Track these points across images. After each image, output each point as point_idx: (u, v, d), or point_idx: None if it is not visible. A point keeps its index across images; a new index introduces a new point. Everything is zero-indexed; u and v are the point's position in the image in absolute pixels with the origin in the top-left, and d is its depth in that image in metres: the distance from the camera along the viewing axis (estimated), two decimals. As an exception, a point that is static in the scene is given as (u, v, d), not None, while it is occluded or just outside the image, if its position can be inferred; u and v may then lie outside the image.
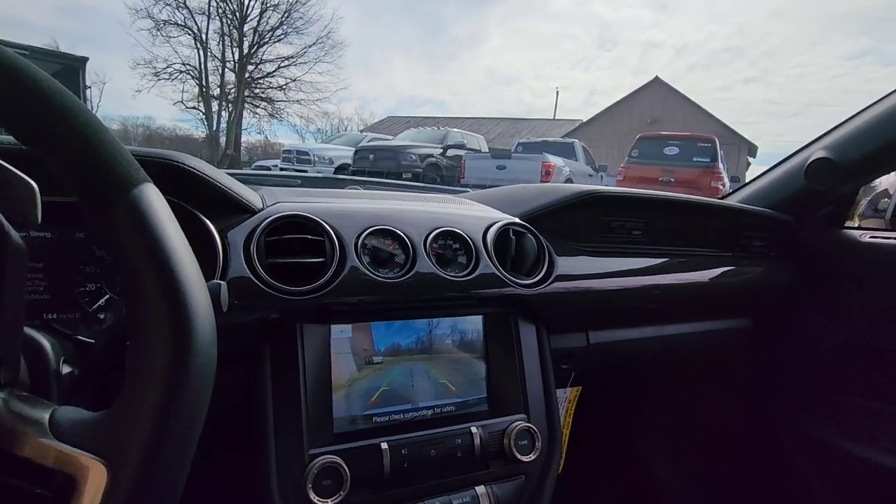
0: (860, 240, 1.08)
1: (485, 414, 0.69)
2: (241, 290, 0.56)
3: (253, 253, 0.58)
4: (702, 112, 18.11)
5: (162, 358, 0.30)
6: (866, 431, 1.03)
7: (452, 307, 0.70)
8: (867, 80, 39.34)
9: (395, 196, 0.87)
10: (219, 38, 18.51)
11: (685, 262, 0.98)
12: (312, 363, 0.61)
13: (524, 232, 0.76)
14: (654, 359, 0.97)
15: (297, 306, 0.59)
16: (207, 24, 18.02)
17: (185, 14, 17.71)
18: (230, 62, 18.89)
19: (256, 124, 20.93)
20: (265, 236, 0.60)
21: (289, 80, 19.71)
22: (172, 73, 17.95)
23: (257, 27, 18.76)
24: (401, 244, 0.67)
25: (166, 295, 0.30)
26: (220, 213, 0.59)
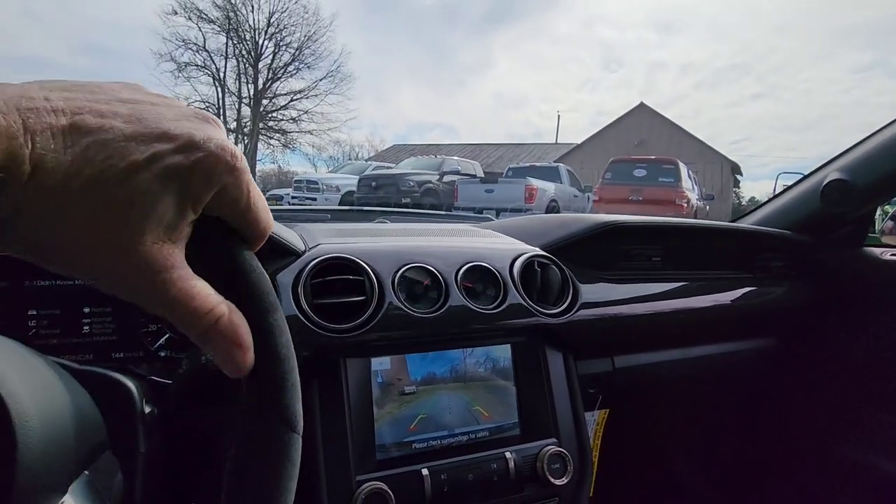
0: (881, 258, 1.10)
1: (517, 439, 0.72)
2: (292, 329, 0.59)
3: (301, 294, 0.62)
4: (685, 134, 19.19)
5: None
6: (892, 449, 1.03)
7: (483, 337, 0.73)
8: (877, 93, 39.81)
9: (422, 230, 0.92)
10: (235, 75, 19.78)
11: (706, 285, 1.00)
12: (355, 395, 0.64)
13: (548, 263, 0.81)
14: (680, 381, 0.99)
15: (341, 343, 0.63)
16: (225, 63, 19.33)
17: (204, 56, 19.02)
18: (246, 97, 20.06)
19: (271, 154, 22.03)
20: (311, 279, 0.64)
21: (301, 112, 20.84)
22: (193, 111, 19.07)
23: (271, 64, 19.97)
24: (433, 280, 0.71)
25: None
26: (270, 258, 0.64)
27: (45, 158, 0.21)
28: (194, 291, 0.25)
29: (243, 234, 0.29)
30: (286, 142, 21.22)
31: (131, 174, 0.22)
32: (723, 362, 1.03)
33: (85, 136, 0.22)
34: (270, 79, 19.99)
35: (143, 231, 0.23)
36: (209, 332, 0.25)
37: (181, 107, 0.27)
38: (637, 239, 0.94)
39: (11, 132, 0.20)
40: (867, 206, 1.08)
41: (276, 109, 20.69)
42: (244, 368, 0.27)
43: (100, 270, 0.23)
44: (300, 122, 20.82)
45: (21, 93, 0.21)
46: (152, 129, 0.24)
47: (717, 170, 17.94)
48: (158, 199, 0.23)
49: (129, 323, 0.61)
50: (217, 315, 0.25)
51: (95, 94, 0.24)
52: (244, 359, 0.27)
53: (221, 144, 0.25)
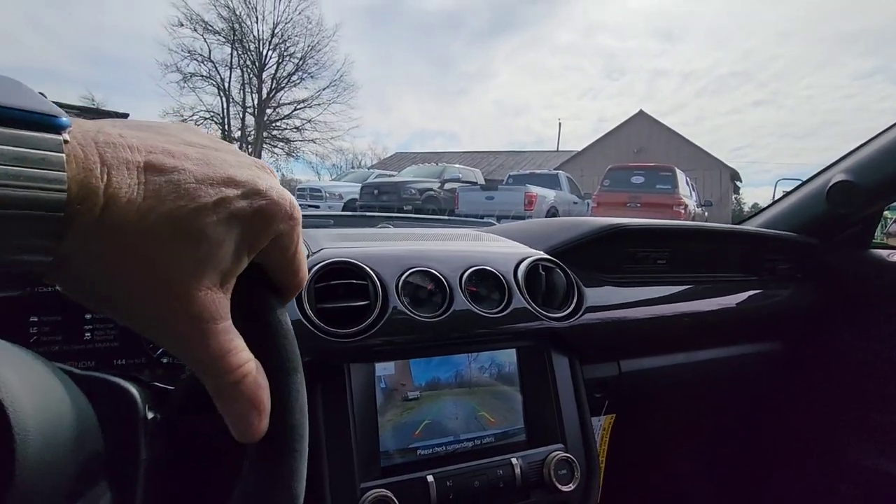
0: (888, 259, 1.09)
1: (523, 444, 0.71)
2: (296, 334, 0.59)
3: (304, 299, 0.62)
4: (684, 141, 19.42)
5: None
6: None
7: (488, 341, 0.73)
8: (880, 99, 39.91)
9: (425, 235, 0.92)
10: (240, 85, 20.06)
11: (712, 288, 0.99)
12: (360, 400, 0.63)
13: (553, 266, 0.80)
14: (687, 384, 0.98)
15: (345, 347, 0.62)
16: (230, 73, 19.59)
17: (209, 66, 19.31)
18: (250, 107, 20.31)
19: (275, 163, 22.22)
20: (314, 283, 0.64)
21: (304, 121, 21.10)
22: (198, 120, 19.40)
23: (275, 74, 20.28)
24: (437, 284, 0.70)
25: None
26: None
27: (119, 194, 0.20)
28: (231, 345, 0.25)
29: (282, 283, 0.29)
30: (290, 150, 21.50)
31: (200, 216, 0.22)
32: (730, 366, 1.02)
33: (159, 174, 0.22)
34: (274, 88, 20.27)
35: (202, 275, 0.23)
36: (231, 389, 0.25)
37: (240, 153, 0.27)
38: (642, 242, 0.93)
39: (89, 164, 0.20)
40: (872, 207, 1.07)
41: (280, 118, 20.95)
42: (256, 435, 0.26)
43: (147, 314, 0.23)
44: (304, 130, 21.10)
45: (97, 127, 0.21)
46: (220, 174, 0.24)
47: (715, 176, 18.05)
48: (221, 243, 0.23)
49: (132, 329, 0.60)
50: (245, 373, 0.25)
51: (165, 135, 0.24)
52: (259, 424, 0.26)
53: (281, 193, 0.26)
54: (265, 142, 20.63)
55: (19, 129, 0.18)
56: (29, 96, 0.20)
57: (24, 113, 0.19)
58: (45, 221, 0.19)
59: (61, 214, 0.19)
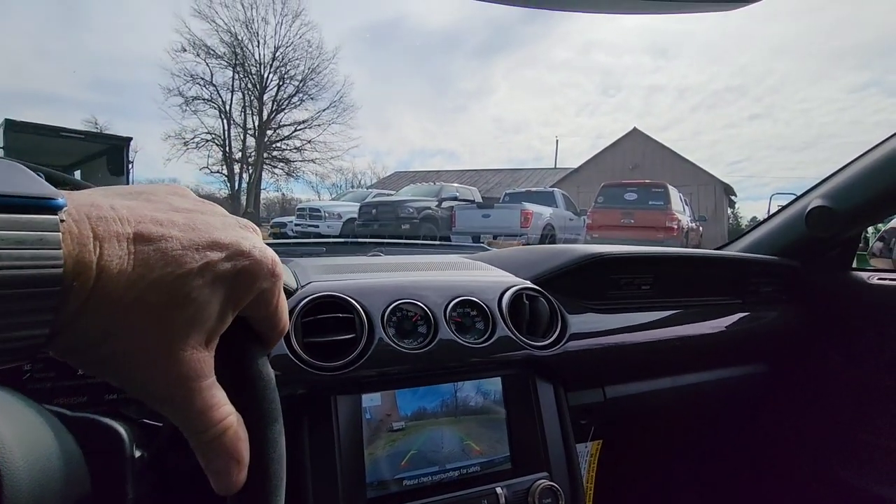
0: (868, 282, 1.11)
1: (508, 473, 0.72)
2: (283, 368, 0.61)
3: (292, 333, 0.64)
4: (678, 157, 19.66)
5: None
6: (888, 472, 1.02)
7: (473, 370, 0.74)
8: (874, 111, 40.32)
9: (414, 264, 0.94)
10: (241, 108, 20.29)
11: (696, 312, 1.01)
12: (346, 432, 0.65)
13: (537, 295, 0.82)
14: (673, 409, 0.99)
15: (332, 380, 0.64)
16: (231, 96, 19.88)
17: (211, 90, 19.58)
18: (251, 129, 20.54)
19: (275, 183, 22.40)
20: (302, 318, 0.66)
21: (304, 141, 21.29)
22: (199, 142, 19.62)
23: (276, 96, 20.58)
24: (423, 315, 0.72)
25: None
26: None
27: (111, 265, 0.22)
28: (214, 401, 0.26)
29: (264, 334, 0.30)
30: (290, 170, 21.67)
31: (186, 281, 0.24)
32: (716, 389, 1.03)
33: (147, 243, 0.23)
34: (275, 110, 20.58)
35: (188, 335, 0.24)
36: (213, 443, 0.26)
37: (225, 215, 0.29)
38: (626, 268, 0.95)
39: (83, 240, 0.21)
40: (850, 231, 1.10)
41: (281, 139, 21.22)
42: (236, 487, 0.27)
43: (137, 376, 0.24)
44: (303, 151, 21.31)
45: (90, 201, 0.23)
46: (205, 238, 0.25)
47: (710, 191, 18.24)
48: (207, 305, 0.25)
49: None
50: (225, 427, 0.26)
51: (153, 203, 0.26)
52: (238, 476, 0.27)
53: (263, 252, 0.27)
54: (265, 162, 20.87)
55: (19, 213, 0.20)
56: (27, 179, 0.22)
57: (24, 199, 0.21)
58: (44, 297, 0.20)
59: (58, 289, 0.20)
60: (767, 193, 37.38)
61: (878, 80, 41.80)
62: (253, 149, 20.32)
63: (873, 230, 1.92)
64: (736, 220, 22.80)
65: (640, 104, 48.62)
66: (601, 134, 48.97)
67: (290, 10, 19.87)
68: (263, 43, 19.94)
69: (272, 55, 20.05)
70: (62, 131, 7.42)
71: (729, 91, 45.55)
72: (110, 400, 0.61)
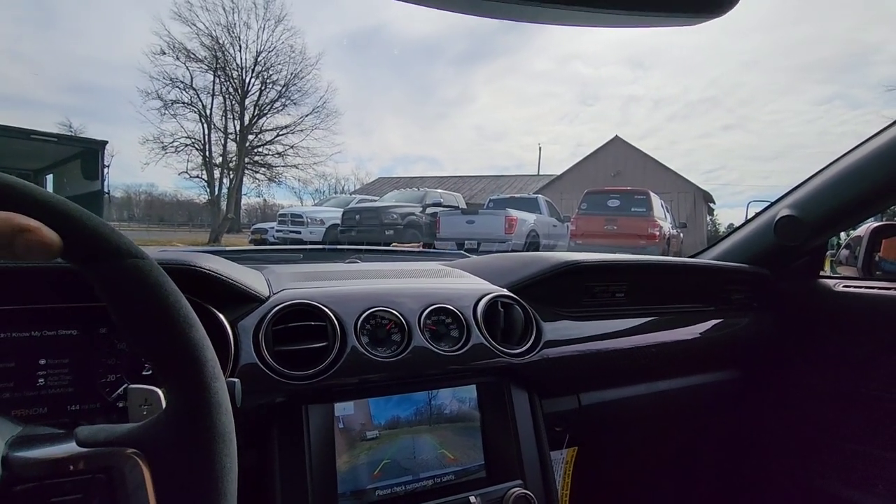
0: (834, 289, 1.14)
1: (483, 481, 0.72)
2: (252, 377, 0.60)
3: (262, 342, 0.63)
4: (659, 165, 19.97)
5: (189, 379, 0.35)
6: (862, 478, 1.05)
7: (447, 378, 0.74)
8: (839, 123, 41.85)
9: (390, 271, 0.93)
10: (222, 112, 19.93)
11: (670, 320, 1.03)
12: (317, 442, 0.64)
13: (512, 303, 0.82)
14: (648, 415, 1.00)
15: (303, 389, 0.63)
16: (212, 101, 19.50)
17: (191, 94, 19.16)
18: (232, 133, 20.19)
19: (256, 188, 22.08)
20: (272, 325, 0.65)
21: (287, 146, 20.99)
22: (178, 147, 19.16)
23: (257, 101, 20.24)
24: (397, 323, 0.72)
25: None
26: (231, 305, 0.65)
27: None
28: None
29: None
30: (272, 176, 21.43)
31: None
32: (690, 395, 1.04)
33: None
34: (257, 115, 20.34)
35: None
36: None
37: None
38: (600, 276, 0.96)
39: None
40: (817, 240, 1.13)
41: (262, 144, 20.98)
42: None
43: None
44: (286, 156, 21.09)
45: None
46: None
47: (689, 199, 18.64)
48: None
49: (87, 374, 0.60)
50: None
51: None
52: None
53: None
54: (247, 167, 20.62)
55: None
56: None
57: None
58: None
59: None
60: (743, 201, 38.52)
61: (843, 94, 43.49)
62: (234, 153, 20.05)
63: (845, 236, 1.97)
64: (714, 227, 23.32)
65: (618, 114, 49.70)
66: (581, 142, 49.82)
67: (272, 14, 19.72)
68: (245, 47, 19.73)
69: (254, 60, 19.85)
70: (33, 134, 7.17)
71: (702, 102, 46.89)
72: (73, 411, 0.59)
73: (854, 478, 1.06)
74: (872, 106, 35.17)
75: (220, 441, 0.35)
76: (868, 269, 1.29)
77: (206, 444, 0.34)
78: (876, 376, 1.04)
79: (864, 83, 39.07)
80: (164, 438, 0.34)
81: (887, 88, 23.71)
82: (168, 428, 0.35)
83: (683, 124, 46.91)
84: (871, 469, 1.04)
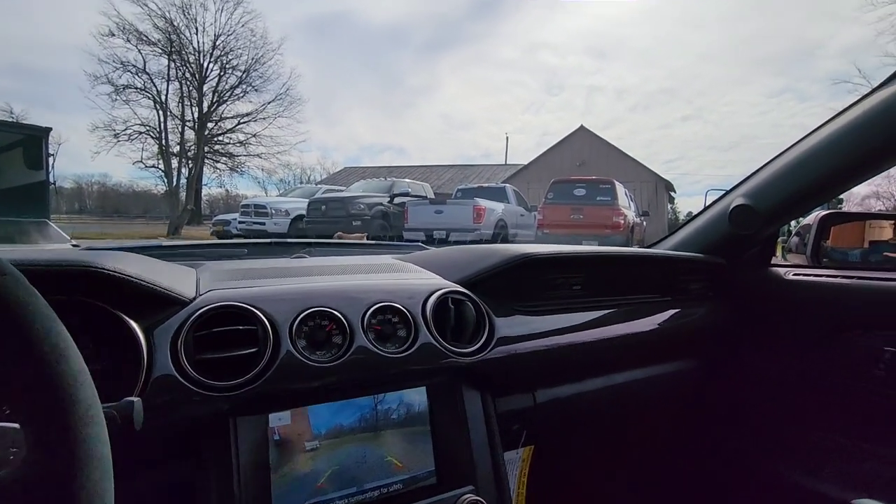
0: (784, 277, 1.16)
1: (433, 489, 0.68)
2: (168, 390, 0.54)
3: (180, 350, 0.57)
4: (622, 155, 20.38)
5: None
6: (812, 462, 1.07)
7: (396, 381, 0.70)
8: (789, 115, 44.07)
9: (337, 266, 0.88)
10: (178, 98, 18.87)
11: (628, 311, 1.01)
12: (249, 457, 0.59)
13: (463, 299, 0.78)
14: (606, 409, 0.99)
15: (229, 401, 0.57)
16: (167, 86, 18.44)
17: (145, 78, 18.08)
18: (190, 121, 19.19)
19: (217, 178, 21.28)
20: (194, 331, 0.59)
21: (249, 135, 20.26)
22: (132, 134, 18.15)
23: (216, 87, 19.34)
24: (338, 324, 0.67)
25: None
26: (146, 310, 0.58)
27: None
28: None
29: None
30: (234, 165, 20.64)
31: None
32: (647, 387, 1.04)
33: None
34: (216, 102, 19.43)
35: None
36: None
37: None
38: (556, 268, 0.93)
39: None
40: (770, 228, 1.14)
41: (223, 132, 20.13)
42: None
43: None
44: (248, 145, 20.31)
45: None
46: None
47: (651, 188, 19.19)
48: None
49: None
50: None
51: None
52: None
53: None
54: (207, 157, 19.75)
55: None
56: None
57: None
58: None
59: None
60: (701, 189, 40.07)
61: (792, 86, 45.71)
62: (193, 142, 19.12)
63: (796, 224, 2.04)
64: (675, 215, 24.11)
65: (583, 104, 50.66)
66: (547, 132, 50.50)
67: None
68: (202, 30, 18.79)
69: (212, 43, 18.95)
70: None
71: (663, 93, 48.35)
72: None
73: (802, 462, 1.08)
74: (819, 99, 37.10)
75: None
76: (816, 256, 1.33)
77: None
78: (823, 363, 1.06)
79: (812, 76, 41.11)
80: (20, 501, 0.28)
81: (833, 82, 24.94)
82: (25, 490, 0.28)
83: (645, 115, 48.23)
84: (819, 454, 1.06)
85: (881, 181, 20.46)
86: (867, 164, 0.94)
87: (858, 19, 31.55)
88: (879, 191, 20.96)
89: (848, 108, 0.94)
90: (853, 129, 0.92)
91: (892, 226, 1.69)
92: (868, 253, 1.49)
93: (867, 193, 20.31)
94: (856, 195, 20.05)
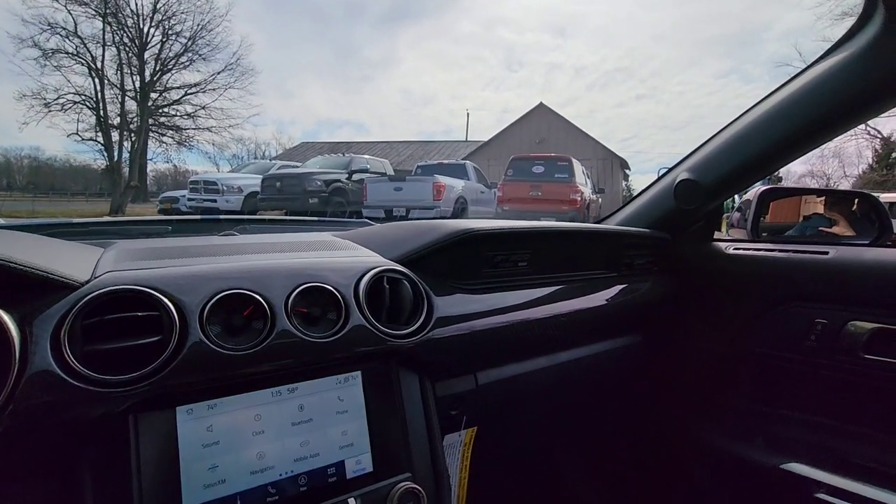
0: (726, 251, 1.18)
1: (368, 478, 0.65)
2: (47, 388, 0.47)
3: (64, 341, 0.49)
4: (580, 132, 20.80)
5: None
6: (746, 431, 1.11)
7: (326, 368, 0.65)
8: (735, 96, 46.05)
9: (267, 244, 0.81)
10: (116, 66, 17.49)
11: (573, 288, 1.00)
12: (152, 456, 0.53)
13: (400, 278, 0.74)
14: (550, 388, 0.98)
15: (126, 397, 0.51)
16: (103, 52, 17.01)
17: (76, 42, 16.57)
18: (130, 91, 17.85)
19: (164, 153, 19.86)
20: (82, 319, 0.51)
21: (197, 107, 19.06)
22: (65, 104, 16.64)
23: (159, 55, 18.02)
24: (257, 307, 0.61)
25: None
26: (23, 297, 0.50)
27: None
28: None
29: None
30: (181, 139, 19.35)
31: None
32: (592, 364, 1.04)
33: None
34: (159, 70, 18.09)
35: None
36: None
37: None
38: (500, 245, 0.90)
39: None
40: (713, 203, 1.15)
41: (168, 104, 18.81)
42: None
43: None
44: (196, 118, 19.06)
45: None
46: None
47: (607, 165, 19.67)
48: None
49: None
50: None
51: None
52: None
53: None
54: (152, 129, 18.46)
55: None
56: None
57: None
58: None
59: None
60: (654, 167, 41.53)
61: (738, 68, 47.66)
62: (135, 114, 17.83)
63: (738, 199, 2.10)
64: (629, 192, 24.84)
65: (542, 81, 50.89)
66: (507, 108, 50.59)
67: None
68: (140, -9, 17.37)
69: (152, 6, 17.55)
70: None
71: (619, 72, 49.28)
72: None
73: (734, 429, 1.13)
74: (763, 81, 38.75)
75: None
76: (756, 230, 1.36)
77: None
78: (762, 335, 1.10)
79: (756, 59, 42.86)
80: None
81: (776, 65, 26.03)
82: None
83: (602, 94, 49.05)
84: (755, 423, 1.10)
85: (815, 161, 21.80)
86: (803, 138, 0.95)
87: (800, 3, 32.94)
88: (814, 169, 22.36)
89: (784, 85, 0.95)
90: (790, 105, 0.93)
91: (822, 202, 1.77)
92: (804, 227, 1.55)
93: (803, 172, 21.63)
94: (793, 173, 21.30)
